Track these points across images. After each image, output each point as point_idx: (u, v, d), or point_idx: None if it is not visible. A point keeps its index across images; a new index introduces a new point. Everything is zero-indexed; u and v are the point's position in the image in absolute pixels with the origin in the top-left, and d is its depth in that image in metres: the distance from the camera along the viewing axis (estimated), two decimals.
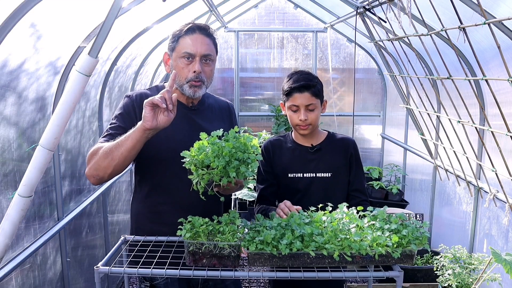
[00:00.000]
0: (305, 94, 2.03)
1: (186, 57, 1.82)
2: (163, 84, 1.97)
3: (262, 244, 1.49)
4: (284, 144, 2.21)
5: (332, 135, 2.21)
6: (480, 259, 2.75)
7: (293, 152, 2.17)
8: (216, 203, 1.98)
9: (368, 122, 5.97)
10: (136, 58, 3.89)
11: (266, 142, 2.25)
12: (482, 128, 2.36)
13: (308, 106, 2.04)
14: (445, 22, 1.94)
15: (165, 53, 1.90)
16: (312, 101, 2.03)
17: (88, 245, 3.20)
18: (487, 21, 1.56)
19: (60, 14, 2.18)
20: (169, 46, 1.87)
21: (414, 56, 2.75)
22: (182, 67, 1.82)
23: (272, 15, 5.88)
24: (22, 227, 2.21)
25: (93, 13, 2.39)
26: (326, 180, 2.12)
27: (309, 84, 2.03)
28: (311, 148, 2.15)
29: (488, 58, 2.72)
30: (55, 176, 2.58)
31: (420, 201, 4.50)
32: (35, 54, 2.16)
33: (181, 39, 1.83)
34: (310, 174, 2.13)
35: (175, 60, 1.85)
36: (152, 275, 1.52)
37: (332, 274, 1.50)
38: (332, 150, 2.16)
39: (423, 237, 1.57)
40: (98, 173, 1.67)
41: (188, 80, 1.83)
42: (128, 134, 1.62)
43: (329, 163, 2.13)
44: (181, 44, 1.82)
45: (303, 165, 2.14)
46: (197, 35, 1.83)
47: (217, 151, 1.54)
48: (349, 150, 2.16)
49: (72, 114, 1.73)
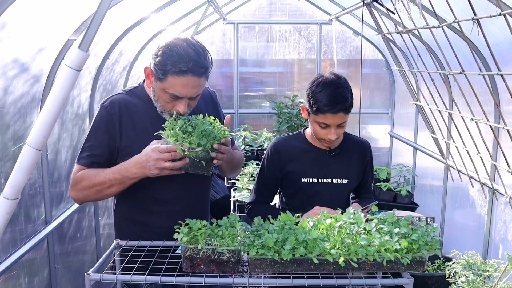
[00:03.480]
0: (340, 114, 1.94)
1: (172, 95, 1.72)
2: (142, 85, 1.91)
3: (263, 249, 1.49)
4: (296, 144, 2.14)
5: (348, 137, 2.19)
6: (495, 266, 2.74)
7: (308, 154, 2.11)
8: (205, 208, 2.00)
9: (375, 119, 5.97)
10: (127, 53, 3.89)
11: (274, 142, 2.15)
12: (497, 126, 2.35)
13: (340, 124, 1.98)
14: (458, 13, 1.94)
15: (147, 67, 1.76)
16: (345, 119, 1.97)
17: (78, 250, 3.20)
18: (503, 12, 1.56)
19: (48, 5, 2.18)
20: (154, 69, 1.71)
21: (425, 50, 2.74)
22: (166, 101, 1.75)
23: (273, 6, 5.87)
24: (7, 232, 2.21)
25: (83, 4, 2.39)
26: (342, 186, 2.10)
27: (347, 105, 1.93)
28: (329, 151, 2.11)
29: (503, 52, 2.72)
30: (43, 177, 2.58)
31: (431, 204, 4.50)
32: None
33: (170, 77, 1.67)
34: (326, 179, 2.09)
35: (159, 90, 1.74)
36: (147, 282, 1.52)
37: (338, 281, 1.50)
38: (349, 154, 2.14)
39: (434, 241, 1.56)
40: (86, 200, 1.91)
41: (170, 113, 1.77)
42: (122, 174, 1.73)
43: (346, 169, 2.12)
44: (168, 82, 1.69)
45: (319, 170, 2.09)
46: (189, 78, 1.67)
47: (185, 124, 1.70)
48: (366, 157, 2.18)
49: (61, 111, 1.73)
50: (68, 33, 2.48)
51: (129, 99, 1.86)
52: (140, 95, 1.89)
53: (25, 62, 2.25)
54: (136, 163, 1.70)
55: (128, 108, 1.83)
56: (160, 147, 1.64)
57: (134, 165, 1.70)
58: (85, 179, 1.78)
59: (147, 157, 1.66)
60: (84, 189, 1.79)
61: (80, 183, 1.79)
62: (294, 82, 6.04)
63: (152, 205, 1.88)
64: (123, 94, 1.89)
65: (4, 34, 1.97)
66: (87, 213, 3.37)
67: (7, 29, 1.96)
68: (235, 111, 5.98)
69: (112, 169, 1.75)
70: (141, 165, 1.68)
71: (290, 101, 5.83)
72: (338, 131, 1.99)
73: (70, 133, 2.99)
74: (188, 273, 1.54)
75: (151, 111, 1.84)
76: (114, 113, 1.81)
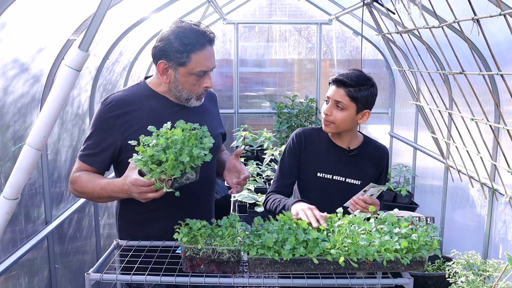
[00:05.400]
0: (340, 90, 2.02)
1: (199, 74, 1.78)
2: (144, 82, 1.91)
3: (263, 249, 1.49)
4: (318, 139, 2.17)
5: (368, 140, 2.21)
6: (495, 266, 2.74)
7: (327, 150, 2.14)
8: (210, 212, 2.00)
9: (375, 119, 5.97)
10: (127, 53, 3.89)
11: (298, 130, 2.20)
12: (497, 126, 2.35)
13: (338, 103, 2.02)
14: (458, 13, 1.94)
15: (160, 63, 1.77)
16: (343, 100, 2.01)
17: (78, 250, 3.21)
18: (503, 12, 1.56)
19: (48, 5, 2.18)
20: (174, 56, 1.74)
21: (425, 50, 2.75)
22: (193, 84, 1.80)
23: (273, 6, 5.88)
24: (7, 232, 2.21)
25: (83, 4, 2.39)
26: (354, 187, 2.09)
27: (346, 82, 2.00)
28: (348, 151, 2.13)
29: (503, 52, 2.72)
30: (43, 177, 2.58)
31: (431, 204, 4.50)
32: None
33: (194, 55, 1.74)
34: (341, 177, 2.11)
35: (184, 75, 1.77)
36: (147, 282, 1.52)
37: (338, 281, 1.50)
38: (366, 157, 2.15)
39: (434, 241, 1.56)
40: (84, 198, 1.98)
41: (198, 95, 1.84)
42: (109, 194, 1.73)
43: (362, 171, 2.13)
44: (194, 61, 1.74)
45: (335, 167, 2.11)
46: (208, 48, 1.77)
47: (165, 142, 1.54)
48: (383, 163, 2.18)
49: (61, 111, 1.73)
50: (68, 33, 2.48)
51: (130, 96, 1.85)
52: (142, 91, 1.88)
53: (25, 62, 2.25)
54: (121, 189, 1.68)
55: (130, 104, 1.82)
56: (138, 181, 1.59)
57: (120, 190, 1.68)
58: (79, 183, 1.80)
59: (129, 188, 1.63)
60: (77, 191, 1.83)
61: (75, 184, 1.81)
62: (294, 82, 6.05)
63: (157, 207, 1.87)
64: (123, 91, 1.89)
65: (4, 34, 1.97)
66: (87, 213, 3.37)
67: (7, 29, 1.96)
68: (235, 111, 5.98)
69: (101, 183, 1.75)
70: (126, 193, 1.67)
71: (290, 101, 5.83)
72: (335, 112, 2.03)
73: (70, 133, 2.99)
74: (188, 273, 1.55)
75: (156, 104, 1.84)
76: (115, 110, 1.79)
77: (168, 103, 1.87)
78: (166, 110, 1.85)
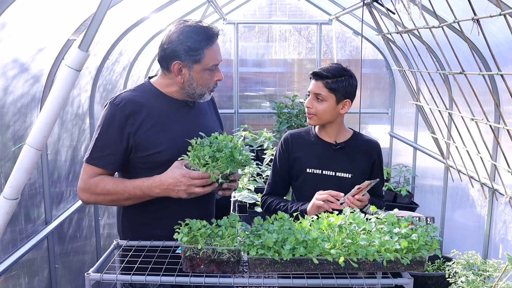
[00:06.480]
0: (318, 83, 2.10)
1: (212, 69, 1.83)
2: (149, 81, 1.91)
3: (263, 249, 1.49)
4: (305, 137, 2.24)
5: (357, 135, 2.25)
6: (495, 266, 2.74)
7: (314, 146, 2.20)
8: (210, 208, 2.00)
9: (375, 119, 5.97)
10: (127, 53, 3.89)
11: (285, 134, 2.30)
12: (497, 126, 2.35)
13: (317, 95, 2.09)
14: (458, 13, 1.94)
15: (176, 63, 1.78)
16: (322, 91, 2.08)
17: (78, 250, 3.21)
18: (503, 12, 1.56)
19: (48, 5, 2.18)
20: (188, 55, 1.77)
21: (425, 50, 2.75)
22: (207, 78, 1.84)
23: (273, 6, 5.88)
24: (7, 232, 2.21)
25: (83, 4, 2.39)
26: (345, 180, 2.13)
27: (323, 74, 2.08)
28: (334, 145, 2.17)
29: (503, 52, 2.72)
30: (43, 177, 2.58)
31: (430, 204, 4.50)
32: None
33: (207, 50, 1.79)
34: (330, 172, 2.15)
35: (198, 72, 1.81)
36: (147, 282, 1.52)
37: (338, 281, 1.50)
38: (356, 150, 2.18)
39: (434, 241, 1.57)
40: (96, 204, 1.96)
41: (210, 89, 1.88)
42: (143, 192, 1.75)
43: (351, 164, 2.16)
44: (208, 56, 1.80)
45: (324, 162, 2.17)
46: (216, 42, 1.84)
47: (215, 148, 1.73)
48: (373, 156, 2.21)
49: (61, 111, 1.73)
50: (68, 33, 2.48)
51: (139, 96, 1.84)
52: (149, 91, 1.87)
53: (25, 62, 2.25)
54: (160, 184, 1.71)
55: (140, 105, 1.81)
56: (191, 174, 1.68)
57: (158, 186, 1.72)
58: (102, 187, 1.76)
59: (176, 181, 1.68)
60: (99, 195, 1.78)
61: (96, 189, 1.77)
62: (294, 82, 6.05)
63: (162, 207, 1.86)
64: (131, 91, 1.87)
65: (4, 34, 1.97)
66: (87, 213, 3.37)
67: (7, 29, 1.96)
68: (235, 111, 5.98)
69: (133, 183, 1.75)
70: (166, 188, 1.70)
71: (290, 101, 5.83)
72: (316, 105, 2.11)
73: (70, 133, 2.99)
74: (188, 273, 1.55)
75: (164, 104, 1.85)
76: (126, 109, 1.78)
77: (175, 104, 1.88)
78: (173, 111, 1.87)
